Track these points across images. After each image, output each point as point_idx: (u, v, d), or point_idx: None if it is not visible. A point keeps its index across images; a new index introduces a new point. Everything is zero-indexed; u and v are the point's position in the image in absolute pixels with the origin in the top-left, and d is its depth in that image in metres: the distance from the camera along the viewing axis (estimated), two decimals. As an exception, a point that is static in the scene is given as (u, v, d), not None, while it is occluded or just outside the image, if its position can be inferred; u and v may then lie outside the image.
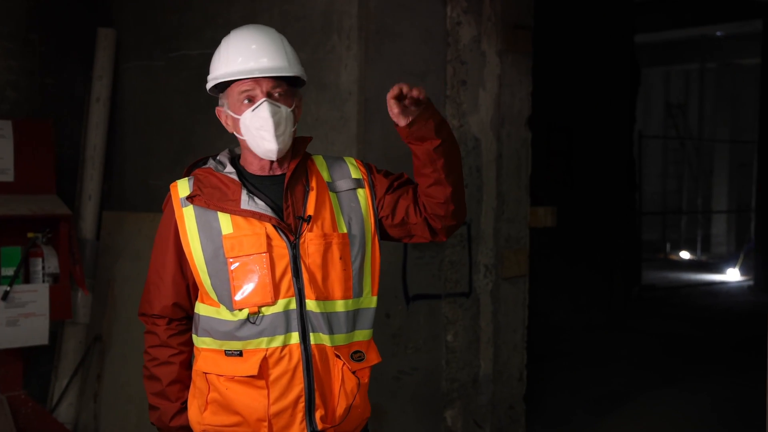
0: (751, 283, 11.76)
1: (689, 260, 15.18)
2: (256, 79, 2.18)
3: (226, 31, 4.45)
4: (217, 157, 2.31)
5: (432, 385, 4.19)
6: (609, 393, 6.09)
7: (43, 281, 4.33)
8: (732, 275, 12.71)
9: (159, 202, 4.82)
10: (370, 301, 2.25)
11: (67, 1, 4.94)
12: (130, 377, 4.66)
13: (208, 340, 2.17)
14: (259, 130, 2.16)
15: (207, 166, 2.28)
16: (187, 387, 2.25)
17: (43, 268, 4.33)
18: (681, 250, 15.89)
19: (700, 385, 6.37)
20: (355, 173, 2.30)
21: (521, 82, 4.46)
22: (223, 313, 2.14)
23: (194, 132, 4.72)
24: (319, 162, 2.32)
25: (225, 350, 2.13)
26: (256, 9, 4.34)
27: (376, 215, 2.27)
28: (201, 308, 2.20)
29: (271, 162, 2.23)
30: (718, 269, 13.48)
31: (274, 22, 4.26)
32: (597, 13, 7.79)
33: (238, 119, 2.20)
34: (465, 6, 4.18)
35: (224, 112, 2.26)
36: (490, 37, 4.27)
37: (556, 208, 4.55)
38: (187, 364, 2.28)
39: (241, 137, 2.22)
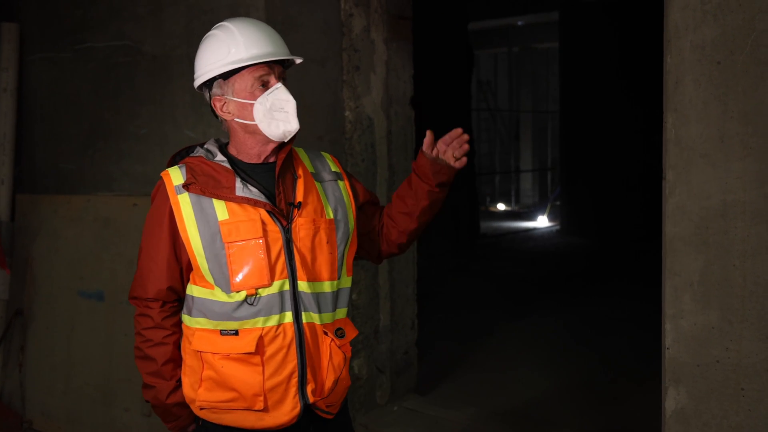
0: (558, 227, 12.19)
1: (504, 210, 15.59)
2: (269, 65, 1.92)
3: (132, 24, 4.09)
4: (205, 146, 2.02)
5: (341, 338, 3.99)
6: (477, 327, 6.09)
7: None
8: (542, 222, 13.11)
9: (70, 185, 4.44)
10: (347, 281, 2.06)
11: (-31, -4, 4.33)
12: (53, 347, 4.25)
13: (202, 320, 1.93)
14: (279, 112, 1.91)
15: (196, 154, 2.00)
16: (179, 366, 2.00)
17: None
18: (497, 202, 16.30)
19: (549, 313, 6.46)
20: (333, 167, 2.11)
21: (404, 67, 4.26)
22: (218, 295, 1.91)
23: (103, 118, 4.26)
24: (301, 154, 2.10)
25: (220, 330, 1.90)
26: (163, 3, 3.91)
27: (356, 206, 2.11)
28: (194, 290, 1.95)
29: (273, 149, 1.98)
30: (530, 217, 13.89)
31: (180, 14, 3.86)
32: (439, 2, 7.65)
33: (250, 104, 1.92)
34: (356, -1, 3.92)
35: (225, 100, 1.96)
36: (378, 27, 4.04)
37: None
38: (179, 344, 2.02)
39: (250, 122, 1.94)
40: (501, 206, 15.93)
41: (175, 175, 1.97)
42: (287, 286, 1.90)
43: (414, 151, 4.38)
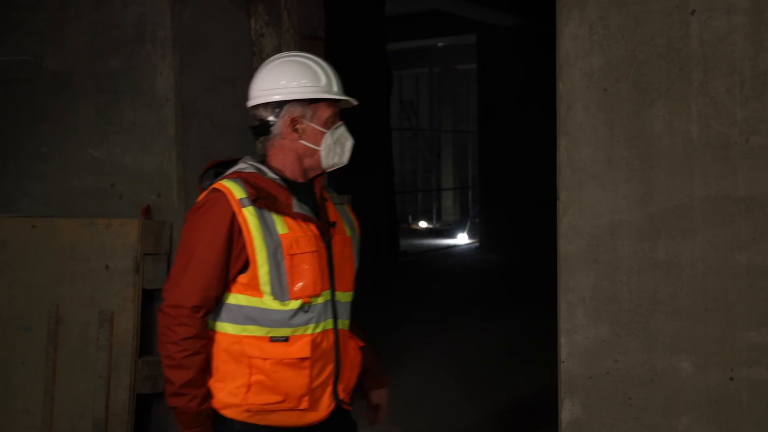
0: (477, 244, 12.46)
1: (426, 228, 15.82)
2: (338, 105, 2.22)
3: (32, 38, 4.05)
4: (249, 162, 2.17)
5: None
6: (395, 346, 6.16)
7: None
8: (462, 239, 13.37)
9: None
10: (353, 293, 2.32)
11: None
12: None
13: (251, 327, 2.08)
14: (338, 146, 2.19)
15: (248, 170, 2.13)
16: (207, 373, 2.12)
17: None
18: (419, 220, 16.54)
19: (466, 330, 6.61)
20: (336, 194, 2.34)
21: (316, 87, 4.34)
22: (269, 303, 2.07)
23: (1, 135, 4.18)
24: None
25: (271, 336, 2.07)
26: (65, 17, 3.89)
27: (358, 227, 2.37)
28: (241, 299, 2.08)
29: (313, 173, 2.21)
30: (451, 234, 14.15)
31: (84, 30, 3.85)
32: (357, 24, 7.79)
33: (322, 133, 2.16)
34: (267, 19, 3.98)
35: (301, 121, 2.16)
36: (289, 47, 4.10)
37: (351, 197, 4.46)
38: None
39: (316, 148, 2.16)
40: (423, 224, 16.16)
41: (235, 189, 2.08)
42: (329, 296, 2.14)
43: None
